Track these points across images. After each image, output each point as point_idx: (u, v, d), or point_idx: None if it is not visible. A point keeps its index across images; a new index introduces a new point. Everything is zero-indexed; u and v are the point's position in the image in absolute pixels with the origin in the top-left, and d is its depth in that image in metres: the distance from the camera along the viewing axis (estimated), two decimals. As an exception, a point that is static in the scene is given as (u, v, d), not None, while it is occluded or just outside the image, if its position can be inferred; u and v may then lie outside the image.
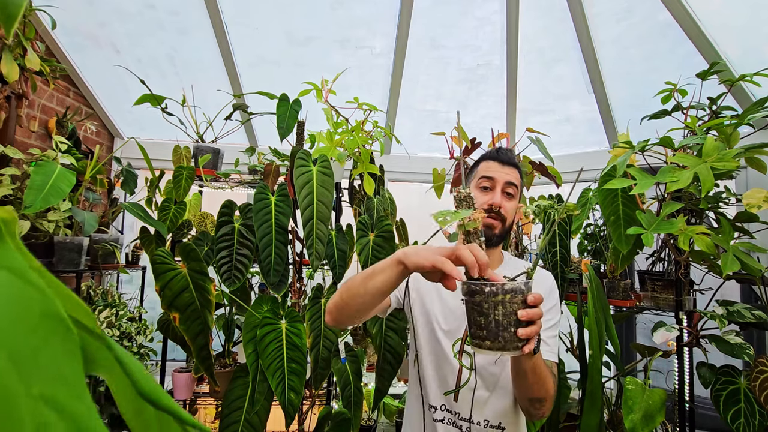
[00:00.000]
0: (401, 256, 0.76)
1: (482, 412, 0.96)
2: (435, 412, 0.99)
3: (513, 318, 0.66)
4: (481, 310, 0.67)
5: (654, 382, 1.64)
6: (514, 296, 0.66)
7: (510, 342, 0.66)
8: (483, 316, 0.67)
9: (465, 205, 0.73)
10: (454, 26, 2.50)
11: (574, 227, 1.80)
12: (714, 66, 1.56)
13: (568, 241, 1.85)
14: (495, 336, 0.66)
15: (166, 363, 2.00)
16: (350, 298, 0.85)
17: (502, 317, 0.66)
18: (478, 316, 0.67)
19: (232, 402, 1.56)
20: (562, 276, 1.82)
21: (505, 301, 0.66)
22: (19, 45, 1.65)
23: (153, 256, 1.47)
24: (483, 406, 0.96)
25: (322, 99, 1.80)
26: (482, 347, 0.67)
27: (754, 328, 1.51)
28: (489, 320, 0.66)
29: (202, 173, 1.89)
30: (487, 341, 0.67)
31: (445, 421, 0.97)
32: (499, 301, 0.66)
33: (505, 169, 1.03)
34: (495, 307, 0.66)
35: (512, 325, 0.66)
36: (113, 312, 1.94)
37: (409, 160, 2.76)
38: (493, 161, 1.04)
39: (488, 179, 1.02)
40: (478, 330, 0.68)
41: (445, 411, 0.98)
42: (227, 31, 2.44)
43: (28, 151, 1.88)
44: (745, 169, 2.05)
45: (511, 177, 1.03)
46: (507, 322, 0.66)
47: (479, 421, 0.95)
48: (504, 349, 0.66)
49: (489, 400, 0.96)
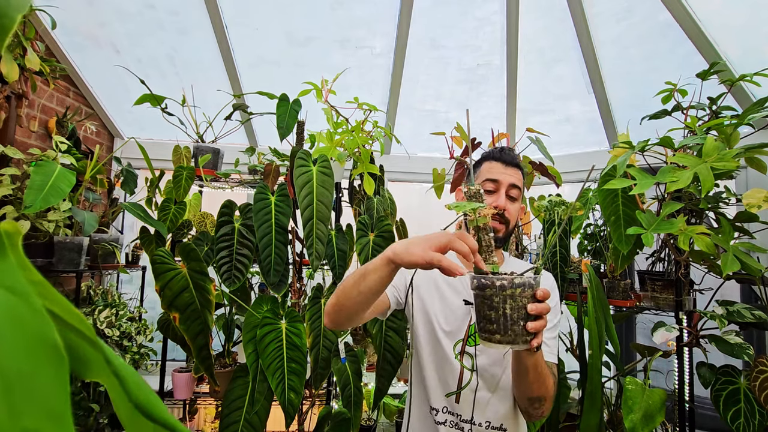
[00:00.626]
0: (391, 255, 0.76)
1: (484, 414, 0.96)
2: (437, 414, 0.98)
3: (523, 312, 0.68)
4: (492, 303, 0.68)
5: (654, 382, 1.64)
6: (524, 290, 0.68)
7: (519, 336, 0.68)
8: (493, 310, 0.68)
9: (475, 200, 0.73)
10: (454, 26, 2.50)
11: (574, 227, 1.80)
12: (714, 66, 1.56)
13: (568, 241, 1.85)
14: (505, 329, 0.68)
15: (166, 363, 2.00)
16: (345, 299, 0.85)
17: (511, 311, 0.67)
18: (488, 309, 0.68)
19: (232, 402, 1.56)
20: (562, 276, 1.82)
21: (515, 295, 0.67)
22: (19, 45, 1.65)
23: (153, 256, 1.47)
24: (485, 407, 0.96)
25: (322, 99, 1.80)
26: (492, 341, 0.69)
27: (754, 328, 1.51)
28: (499, 314, 0.68)
29: (202, 173, 1.89)
30: (497, 335, 0.68)
31: (447, 423, 0.97)
32: (509, 295, 0.67)
33: (509, 170, 1.03)
34: (505, 301, 0.67)
35: (522, 318, 0.68)
36: (113, 312, 1.94)
37: (409, 160, 2.76)
38: (497, 162, 1.04)
39: (492, 182, 1.02)
40: (488, 324, 0.69)
41: (447, 413, 0.97)
42: (227, 31, 2.44)
43: (28, 151, 1.88)
44: (745, 169, 2.05)
45: (515, 179, 1.03)
46: (517, 316, 0.68)
47: (481, 423, 0.95)
48: (513, 342, 0.68)
49: (491, 401, 0.97)
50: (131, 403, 0.16)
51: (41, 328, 0.12)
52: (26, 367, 0.12)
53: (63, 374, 0.13)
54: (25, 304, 0.12)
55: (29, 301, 0.13)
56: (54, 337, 0.13)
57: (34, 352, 0.12)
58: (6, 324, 0.12)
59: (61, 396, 0.12)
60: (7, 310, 0.12)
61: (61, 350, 0.13)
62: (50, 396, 0.12)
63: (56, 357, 0.13)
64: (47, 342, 0.12)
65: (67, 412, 0.13)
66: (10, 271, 0.13)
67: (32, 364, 0.12)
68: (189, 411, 2.19)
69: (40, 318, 0.13)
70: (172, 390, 2.01)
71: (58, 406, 0.12)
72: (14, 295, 0.12)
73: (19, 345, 0.12)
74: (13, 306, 0.12)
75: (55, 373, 0.12)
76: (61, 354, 0.13)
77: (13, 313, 0.12)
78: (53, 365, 0.12)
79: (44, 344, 0.12)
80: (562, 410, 1.82)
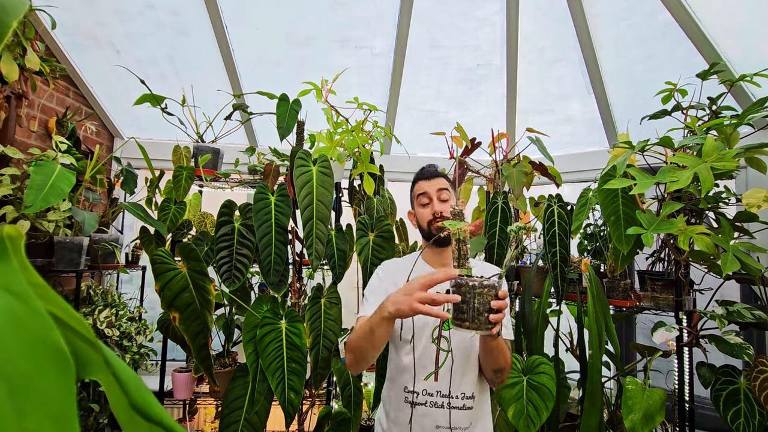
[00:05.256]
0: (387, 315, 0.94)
1: (459, 386, 1.13)
2: (417, 396, 1.13)
3: (487, 306, 0.88)
4: (464, 298, 0.88)
5: (654, 382, 1.64)
6: (490, 290, 0.88)
7: (484, 324, 0.88)
8: (465, 303, 0.88)
9: (458, 218, 0.96)
10: (454, 26, 2.50)
11: (574, 227, 1.80)
12: (714, 66, 1.56)
13: (568, 241, 1.85)
14: (472, 318, 0.88)
15: (166, 363, 2.00)
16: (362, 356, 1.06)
17: (479, 305, 0.88)
18: (461, 303, 0.89)
19: (232, 402, 1.56)
20: (561, 276, 1.82)
21: (483, 293, 0.88)
22: (19, 45, 1.65)
23: (153, 255, 1.47)
24: (460, 380, 1.13)
25: (322, 99, 1.80)
26: (462, 327, 0.89)
27: (754, 328, 1.51)
28: (469, 306, 0.88)
29: (202, 173, 1.89)
30: (466, 322, 0.88)
31: (427, 404, 1.13)
32: (478, 293, 0.88)
33: (432, 181, 1.24)
34: (475, 297, 0.88)
35: (486, 311, 0.88)
36: (113, 312, 1.94)
37: (409, 160, 2.76)
38: (422, 180, 1.26)
39: (423, 195, 1.24)
40: (461, 314, 0.89)
41: (427, 395, 1.12)
42: (227, 31, 2.44)
43: (28, 151, 1.88)
44: (745, 169, 2.05)
45: (440, 184, 1.23)
46: (482, 309, 0.88)
47: (457, 395, 1.13)
48: (479, 329, 0.88)
49: (465, 373, 1.14)
50: (129, 405, 0.16)
51: (44, 331, 0.12)
52: (30, 369, 0.12)
53: (68, 377, 0.13)
54: (28, 307, 0.12)
55: (32, 304, 0.13)
56: (57, 340, 0.13)
57: (38, 356, 0.12)
58: (10, 327, 0.12)
59: (66, 399, 0.12)
60: (10, 313, 0.12)
61: (66, 353, 0.13)
62: (55, 398, 0.12)
63: (60, 360, 0.13)
64: (50, 345, 0.12)
65: (73, 414, 0.13)
66: (14, 275, 0.13)
67: (36, 367, 0.12)
68: (189, 411, 2.19)
69: (43, 321, 0.13)
70: (172, 390, 2.02)
71: (63, 409, 0.12)
72: (17, 299, 0.12)
73: (23, 348, 0.12)
74: (17, 309, 0.12)
75: (59, 376, 0.12)
76: (66, 357, 0.13)
77: (16, 317, 0.12)
78: (57, 368, 0.12)
79: (47, 347, 0.12)
80: (562, 410, 1.82)
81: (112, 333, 1.88)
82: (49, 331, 0.13)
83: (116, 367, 0.16)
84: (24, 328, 0.12)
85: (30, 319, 0.12)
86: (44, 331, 0.12)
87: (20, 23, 1.65)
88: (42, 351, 0.12)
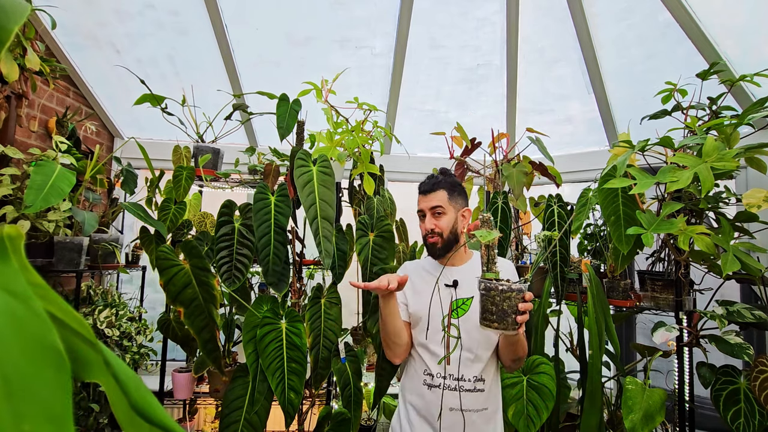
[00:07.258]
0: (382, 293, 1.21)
1: (471, 370, 1.24)
2: (433, 379, 1.26)
3: (515, 308, 0.97)
4: (494, 301, 0.98)
5: (654, 382, 1.64)
6: (518, 294, 0.97)
7: (511, 325, 0.97)
8: (495, 305, 0.98)
9: (487, 226, 1.04)
10: (454, 26, 2.50)
11: (574, 227, 1.79)
12: (714, 66, 1.56)
13: (568, 241, 1.85)
14: (500, 319, 0.98)
15: (166, 363, 2.00)
16: (389, 339, 1.29)
17: (507, 307, 0.97)
18: (491, 305, 0.98)
19: (232, 402, 1.56)
20: (561, 276, 1.82)
21: (511, 297, 0.97)
22: (19, 45, 1.65)
23: (156, 252, 1.47)
24: (471, 364, 1.24)
25: (322, 99, 1.80)
26: (491, 327, 0.99)
27: (754, 328, 1.51)
28: (498, 308, 0.97)
29: (202, 173, 1.89)
30: (495, 323, 0.98)
31: (441, 386, 1.24)
32: (506, 297, 0.97)
33: (428, 197, 1.33)
34: (504, 301, 0.97)
35: (513, 312, 0.97)
36: (113, 312, 1.94)
37: (409, 160, 2.76)
38: (420, 195, 1.36)
39: (419, 212, 1.36)
40: (489, 314, 0.99)
41: (441, 378, 1.24)
42: (227, 31, 2.44)
43: (28, 151, 1.88)
44: (745, 169, 2.05)
45: (433, 201, 1.31)
46: (510, 311, 0.97)
47: (468, 378, 1.23)
48: (506, 329, 0.98)
49: (475, 358, 1.24)
50: (129, 405, 0.16)
51: (43, 332, 0.12)
52: (28, 370, 0.12)
53: (64, 378, 0.13)
54: (27, 308, 0.12)
55: (31, 305, 0.13)
56: (55, 340, 0.13)
57: (36, 356, 0.12)
58: (8, 328, 0.12)
59: (62, 399, 0.12)
60: (9, 314, 0.12)
61: (62, 354, 0.13)
62: (51, 399, 0.12)
63: (57, 361, 0.13)
64: (48, 346, 0.12)
65: (68, 415, 0.13)
66: (13, 275, 0.13)
67: (34, 368, 0.12)
68: (189, 411, 2.19)
69: (42, 322, 0.13)
70: (172, 390, 2.02)
71: (59, 410, 0.12)
72: (17, 299, 0.12)
73: (21, 349, 0.12)
74: (16, 310, 0.12)
75: (56, 377, 0.12)
76: (62, 357, 0.13)
77: (15, 318, 0.12)
78: (54, 369, 0.12)
79: (45, 348, 0.12)
80: (562, 410, 1.82)
81: (112, 333, 1.88)
82: (47, 332, 0.13)
83: (116, 368, 0.16)
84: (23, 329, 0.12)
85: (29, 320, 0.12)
86: (43, 332, 0.12)
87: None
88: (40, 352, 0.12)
